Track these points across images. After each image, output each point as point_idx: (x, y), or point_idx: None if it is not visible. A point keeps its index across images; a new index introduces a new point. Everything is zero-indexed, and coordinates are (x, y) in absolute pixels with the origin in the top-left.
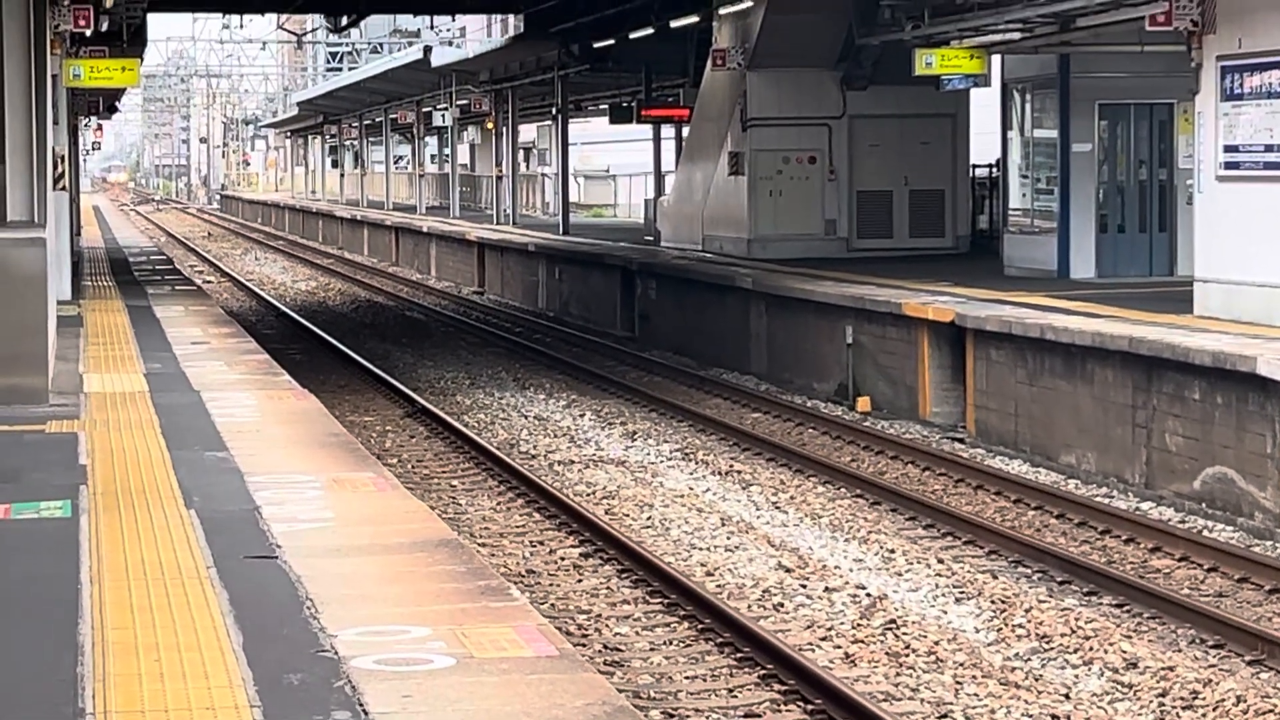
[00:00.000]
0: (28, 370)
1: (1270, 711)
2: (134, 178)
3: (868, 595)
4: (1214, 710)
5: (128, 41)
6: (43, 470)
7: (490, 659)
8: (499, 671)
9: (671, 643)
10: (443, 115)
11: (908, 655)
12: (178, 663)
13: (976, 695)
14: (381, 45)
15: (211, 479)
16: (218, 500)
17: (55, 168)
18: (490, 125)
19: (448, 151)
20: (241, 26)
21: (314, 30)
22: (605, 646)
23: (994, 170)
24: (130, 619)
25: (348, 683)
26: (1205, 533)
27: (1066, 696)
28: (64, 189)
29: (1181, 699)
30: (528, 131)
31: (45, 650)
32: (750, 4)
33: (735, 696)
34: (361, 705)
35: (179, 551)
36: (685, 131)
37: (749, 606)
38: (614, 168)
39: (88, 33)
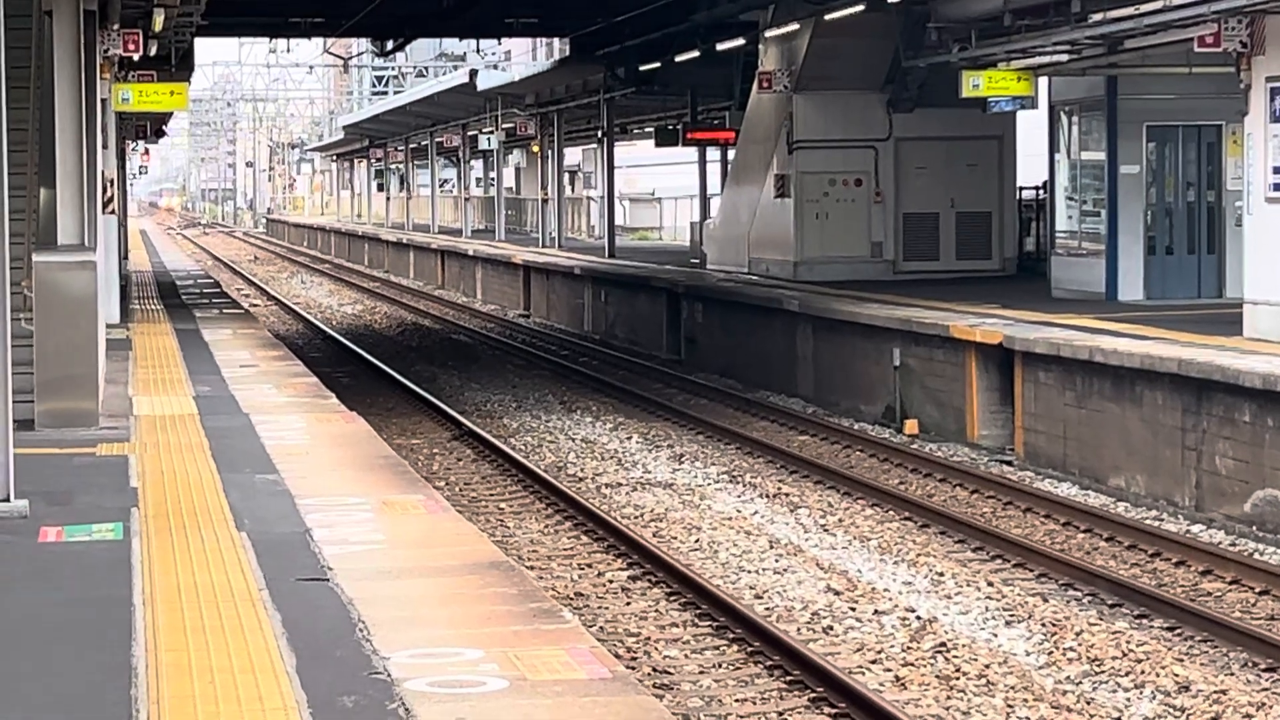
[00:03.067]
0: (78, 393)
1: None
2: (186, 202)
3: (917, 618)
4: None
5: (176, 66)
6: (94, 493)
7: (544, 681)
8: (553, 694)
9: (721, 665)
10: (488, 138)
11: (958, 678)
12: (232, 685)
13: (1028, 719)
14: (427, 69)
15: (262, 501)
16: (269, 523)
17: (104, 191)
18: (536, 148)
19: (493, 175)
20: (288, 50)
21: (360, 54)
22: (655, 669)
23: (1041, 192)
24: (184, 641)
25: (401, 705)
26: (1256, 555)
27: None
28: (113, 213)
29: None
30: (573, 154)
31: (100, 673)
32: (797, 27)
33: None
34: None
35: (231, 574)
36: (731, 154)
37: (798, 629)
38: (659, 191)
39: (136, 57)
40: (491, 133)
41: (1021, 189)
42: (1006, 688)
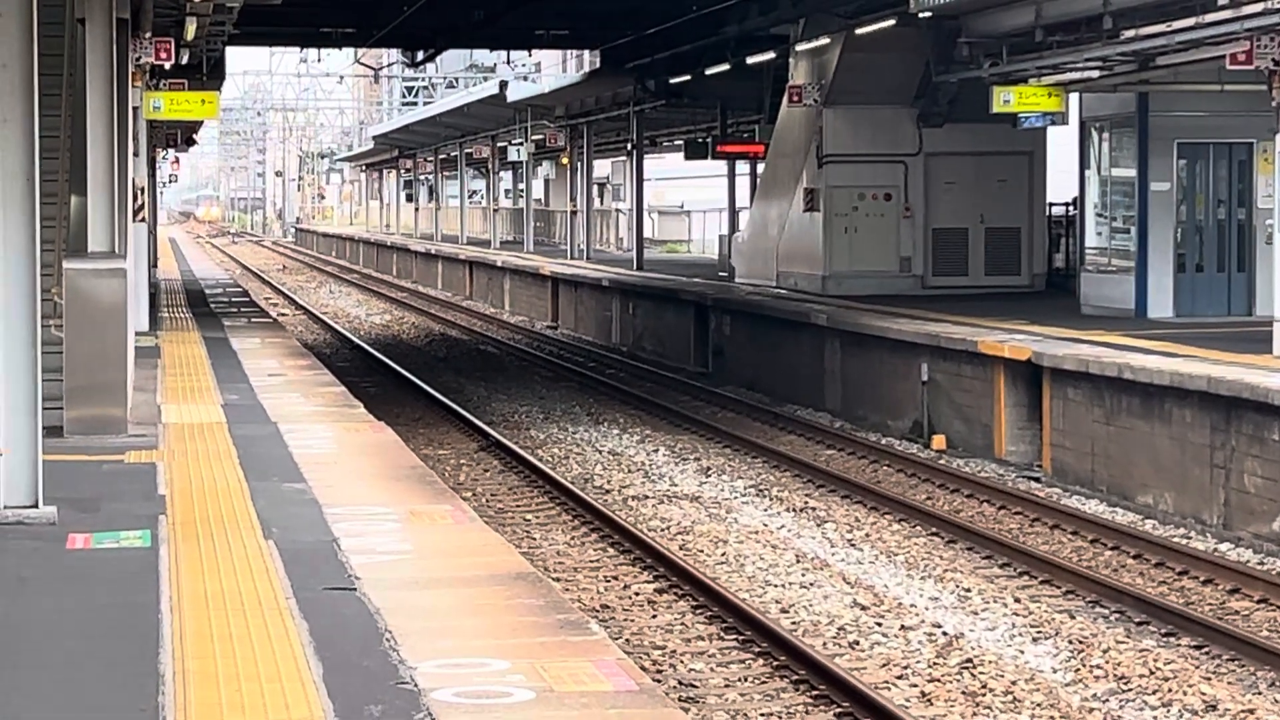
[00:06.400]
0: (107, 400)
1: None
2: (225, 213)
3: (944, 634)
4: None
5: (207, 74)
6: (122, 500)
7: (570, 692)
8: (579, 705)
9: (747, 679)
10: (518, 150)
11: (984, 695)
12: (259, 693)
13: None
14: (457, 80)
15: (290, 510)
16: (296, 531)
17: (135, 200)
18: (565, 160)
19: (522, 186)
20: (319, 60)
21: (390, 65)
22: (680, 682)
23: (1070, 208)
24: (211, 649)
25: (428, 715)
26: None
27: None
28: (143, 221)
29: None
30: (602, 167)
31: (127, 679)
32: (827, 41)
33: None
34: None
35: (258, 582)
36: (760, 168)
37: (824, 644)
38: (688, 203)
39: (168, 65)
40: (521, 144)
41: (1051, 205)
42: (1033, 705)
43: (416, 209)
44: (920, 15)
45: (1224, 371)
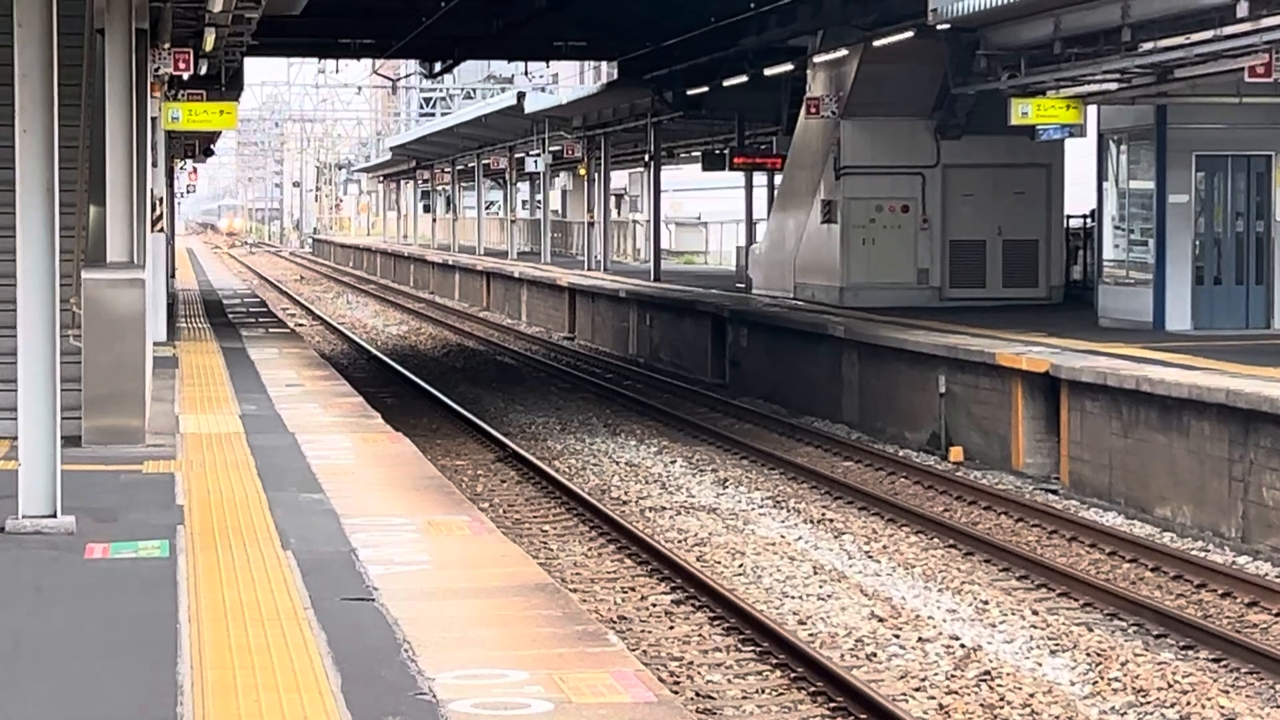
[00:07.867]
0: (125, 410)
1: None
2: (251, 224)
3: (962, 646)
4: None
5: (225, 85)
6: (140, 510)
7: (588, 704)
8: (597, 717)
9: (764, 691)
10: (535, 161)
11: (1003, 707)
12: (277, 704)
13: None
14: (475, 91)
15: (308, 520)
16: (314, 542)
17: (154, 210)
18: (583, 171)
19: (539, 197)
20: (337, 71)
21: (408, 76)
22: (698, 694)
23: (1088, 221)
24: (229, 659)
25: None
26: None
27: None
28: (161, 231)
29: None
30: (620, 178)
31: (145, 690)
32: (845, 53)
33: None
34: None
35: (276, 592)
36: (778, 179)
37: (842, 656)
38: (706, 215)
39: (186, 76)
40: (538, 155)
41: (1069, 217)
42: (1051, 717)
43: (434, 220)
44: (938, 27)
45: (1242, 384)
